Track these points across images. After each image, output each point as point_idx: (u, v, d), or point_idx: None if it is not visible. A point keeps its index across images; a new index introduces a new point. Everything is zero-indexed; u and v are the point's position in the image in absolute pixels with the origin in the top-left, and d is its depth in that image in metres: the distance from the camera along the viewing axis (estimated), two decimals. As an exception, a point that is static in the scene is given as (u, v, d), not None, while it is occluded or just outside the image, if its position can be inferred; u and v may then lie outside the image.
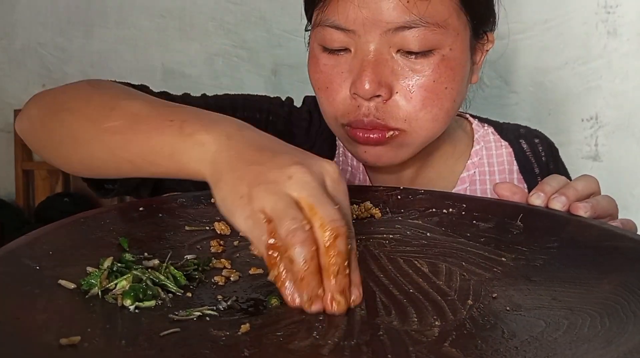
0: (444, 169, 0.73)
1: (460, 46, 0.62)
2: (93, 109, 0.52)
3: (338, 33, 0.61)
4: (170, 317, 0.37)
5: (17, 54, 1.91)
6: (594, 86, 1.34)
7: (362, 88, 0.59)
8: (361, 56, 0.61)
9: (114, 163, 0.50)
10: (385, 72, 0.60)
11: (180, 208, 0.53)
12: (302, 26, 0.70)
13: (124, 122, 0.49)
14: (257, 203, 0.38)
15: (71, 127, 0.53)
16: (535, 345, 0.35)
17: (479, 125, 0.77)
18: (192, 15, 1.80)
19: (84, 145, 0.51)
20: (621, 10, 1.31)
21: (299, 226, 0.36)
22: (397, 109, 0.61)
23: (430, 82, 0.61)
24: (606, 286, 0.41)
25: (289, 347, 0.35)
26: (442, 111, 0.62)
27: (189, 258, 0.46)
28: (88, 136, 0.51)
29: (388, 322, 0.38)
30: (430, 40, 0.59)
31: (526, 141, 0.77)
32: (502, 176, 0.74)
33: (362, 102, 0.61)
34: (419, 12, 0.58)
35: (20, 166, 1.88)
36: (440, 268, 0.46)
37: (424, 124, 0.62)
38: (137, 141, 0.47)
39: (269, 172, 0.39)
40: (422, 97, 0.61)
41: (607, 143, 1.37)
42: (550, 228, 0.50)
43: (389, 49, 0.60)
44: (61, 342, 0.32)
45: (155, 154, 0.46)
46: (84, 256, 0.43)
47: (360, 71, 0.60)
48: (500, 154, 0.75)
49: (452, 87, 0.62)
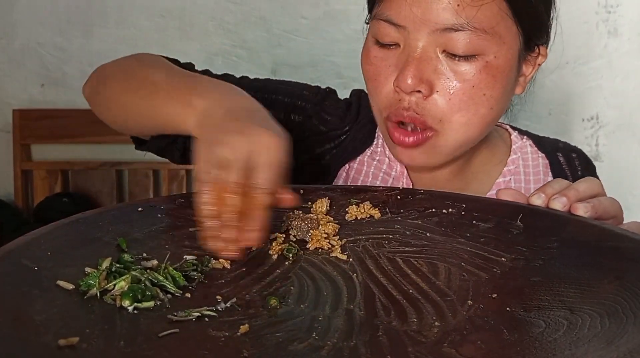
0: (481, 173, 0.75)
1: (505, 55, 0.63)
2: (130, 80, 0.65)
3: (390, 28, 0.63)
4: (169, 317, 0.37)
5: (16, 54, 1.90)
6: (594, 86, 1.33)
7: (405, 82, 0.62)
8: (408, 51, 0.63)
9: (145, 121, 0.65)
10: (428, 69, 0.62)
11: (179, 208, 0.53)
12: (302, 26, 0.70)
13: (149, 91, 0.62)
14: (210, 155, 0.48)
15: (120, 98, 0.66)
16: (535, 345, 0.35)
17: (517, 137, 0.79)
18: (192, 15, 1.79)
19: (128, 110, 0.66)
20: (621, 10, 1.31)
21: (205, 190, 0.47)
22: (435, 108, 0.63)
23: (469, 87, 0.62)
24: (606, 287, 0.41)
25: (288, 347, 0.35)
26: (477, 116, 0.63)
27: (187, 258, 0.45)
28: (130, 103, 0.65)
29: (387, 322, 0.38)
30: (475, 45, 0.61)
31: (563, 154, 0.79)
32: (537, 184, 0.75)
33: (403, 96, 0.63)
34: (467, 16, 0.60)
35: (19, 166, 1.88)
36: (440, 268, 0.46)
37: (456, 127, 0.64)
38: (157, 107, 0.61)
39: (224, 137, 0.49)
40: (459, 101, 0.62)
41: (607, 142, 1.36)
42: (550, 228, 0.50)
43: (435, 48, 0.62)
44: (60, 342, 0.32)
45: (167, 117, 0.59)
46: (82, 256, 0.43)
47: (405, 66, 0.62)
48: (537, 165, 0.77)
49: (491, 94, 0.63)
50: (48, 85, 1.91)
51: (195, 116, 0.55)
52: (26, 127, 1.87)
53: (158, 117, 0.61)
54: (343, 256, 0.48)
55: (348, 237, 0.51)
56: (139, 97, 0.63)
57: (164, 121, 0.60)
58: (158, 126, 0.63)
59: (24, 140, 1.88)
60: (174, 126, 0.59)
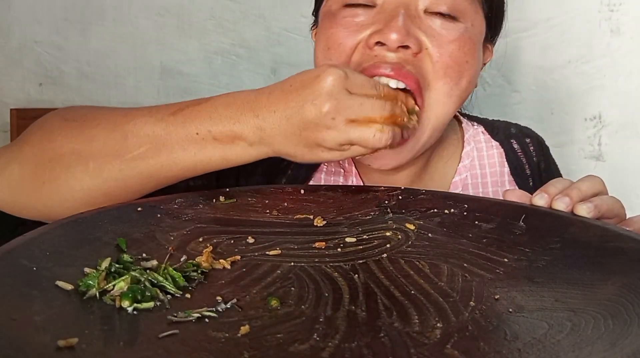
0: (435, 174, 0.71)
1: (479, 27, 0.63)
2: (104, 144, 0.52)
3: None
4: (169, 318, 0.37)
5: (13, 53, 1.89)
6: (597, 85, 1.33)
7: (389, 36, 0.56)
8: (388, 8, 0.59)
9: (156, 181, 0.54)
10: (414, 25, 0.59)
11: (179, 208, 0.53)
12: (302, 24, 0.70)
13: (149, 146, 0.51)
14: (341, 119, 0.49)
15: (87, 168, 0.52)
16: (538, 347, 0.35)
17: (468, 124, 0.75)
18: (191, 13, 1.79)
19: (115, 179, 0.52)
20: (624, 8, 1.30)
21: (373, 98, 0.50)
22: (427, 65, 0.59)
23: (455, 49, 0.59)
24: (610, 288, 0.41)
25: (289, 349, 0.34)
26: (458, 87, 0.61)
27: (187, 259, 0.45)
28: (117, 169, 0.52)
29: (389, 323, 0.37)
30: (458, 5, 0.60)
31: (517, 141, 0.76)
32: (494, 178, 0.73)
33: (384, 53, 0.58)
34: None
35: (18, 165, 1.87)
36: (442, 269, 0.45)
37: (439, 97, 0.61)
38: (179, 159, 0.52)
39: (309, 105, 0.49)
40: (446, 65, 0.59)
41: (610, 142, 1.36)
42: (553, 229, 0.50)
43: (417, 8, 0.59)
44: (59, 343, 0.32)
45: (205, 164, 0.53)
46: (81, 256, 0.43)
47: (387, 21, 0.58)
48: (492, 156, 0.74)
49: (471, 64, 0.61)
50: (45, 84, 1.90)
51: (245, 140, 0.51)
52: (24, 127, 1.85)
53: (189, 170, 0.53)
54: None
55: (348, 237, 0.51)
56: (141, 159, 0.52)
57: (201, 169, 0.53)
58: (187, 176, 0.55)
59: (21, 139, 1.87)
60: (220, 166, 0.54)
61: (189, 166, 0.53)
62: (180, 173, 0.54)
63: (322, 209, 0.56)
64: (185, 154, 0.52)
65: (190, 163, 0.52)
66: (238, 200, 0.56)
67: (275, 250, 0.48)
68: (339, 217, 0.55)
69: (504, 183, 0.74)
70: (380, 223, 0.54)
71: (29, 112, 1.89)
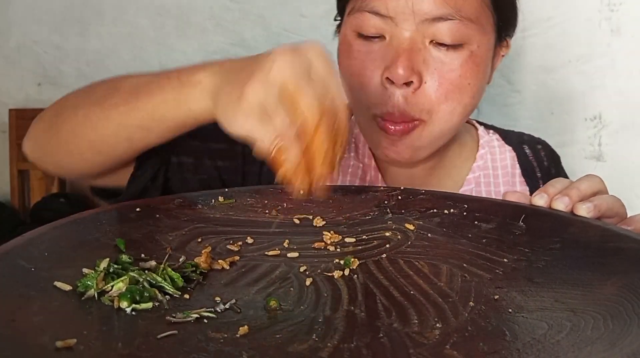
0: (452, 170, 0.76)
1: (486, 45, 0.65)
2: (95, 96, 0.56)
3: (376, 19, 0.63)
4: (167, 319, 0.37)
5: (12, 53, 1.89)
6: (597, 85, 1.33)
7: (397, 73, 0.61)
8: (396, 43, 0.63)
9: (125, 134, 0.54)
10: (417, 60, 0.63)
11: (177, 208, 0.53)
12: (301, 24, 0.70)
13: (126, 95, 0.53)
14: (247, 104, 0.42)
15: (77, 118, 0.56)
16: (537, 347, 0.35)
17: (484, 131, 0.80)
18: (190, 13, 1.79)
19: (93, 128, 0.55)
20: (625, 8, 1.30)
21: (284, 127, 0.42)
22: (423, 99, 0.63)
23: (456, 77, 0.63)
24: (610, 288, 0.41)
25: (287, 349, 0.34)
26: (461, 105, 0.65)
27: (186, 259, 0.45)
28: (95, 118, 0.55)
29: (388, 324, 0.37)
30: (462, 33, 0.62)
31: (529, 146, 0.80)
32: (505, 178, 0.76)
33: (393, 91, 0.63)
34: (454, 5, 0.61)
35: (15, 166, 1.87)
36: (442, 269, 0.45)
37: (443, 116, 0.64)
38: (142, 104, 0.52)
39: (255, 67, 0.43)
40: (446, 91, 0.63)
41: (610, 142, 1.36)
42: (552, 229, 0.50)
43: (423, 39, 0.63)
44: (57, 344, 0.32)
45: (162, 109, 0.51)
46: (80, 257, 0.43)
47: (395, 57, 0.62)
48: (504, 158, 0.78)
49: (474, 84, 0.65)
50: (44, 84, 1.90)
51: (204, 87, 0.48)
52: (22, 127, 1.86)
53: (149, 116, 0.53)
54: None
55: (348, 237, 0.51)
56: (116, 106, 0.53)
57: (159, 117, 0.52)
58: (150, 129, 0.54)
59: (20, 140, 1.86)
60: (177, 115, 0.51)
61: (148, 112, 0.52)
62: (142, 122, 0.53)
63: (321, 210, 0.56)
64: (149, 99, 0.52)
65: (149, 108, 0.52)
66: (237, 200, 0.56)
67: (274, 250, 0.48)
68: (339, 217, 0.55)
69: (514, 183, 0.77)
70: (379, 223, 0.54)
71: (27, 113, 1.89)
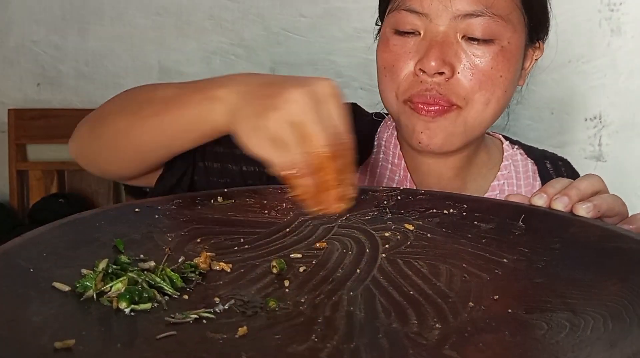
0: (477, 176, 0.79)
1: (516, 42, 0.68)
2: (133, 105, 0.61)
3: (412, 16, 0.67)
4: (166, 319, 0.37)
5: (10, 53, 1.89)
6: (597, 85, 1.33)
7: (428, 64, 0.65)
8: (430, 37, 0.67)
9: (162, 143, 0.60)
10: (449, 53, 0.66)
11: (177, 208, 0.53)
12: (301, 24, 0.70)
13: (159, 107, 0.58)
14: (265, 131, 0.46)
15: (117, 126, 0.61)
16: (537, 347, 0.35)
17: (509, 146, 0.84)
18: (189, 13, 1.79)
19: (132, 137, 0.60)
20: (625, 7, 1.30)
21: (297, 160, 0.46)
22: (457, 87, 0.67)
23: (488, 68, 0.67)
24: (609, 288, 0.41)
25: (287, 350, 0.34)
26: (494, 97, 0.68)
27: (185, 260, 0.45)
28: (133, 128, 0.60)
29: (387, 324, 0.37)
30: (492, 29, 0.66)
31: (551, 162, 0.84)
32: (527, 188, 0.80)
33: (425, 79, 0.67)
34: (486, 3, 0.65)
35: (14, 167, 1.87)
36: (441, 269, 0.45)
37: (477, 105, 0.68)
38: (172, 116, 0.56)
39: (275, 100, 0.46)
40: (479, 81, 0.67)
41: (610, 142, 1.36)
42: (552, 229, 0.50)
43: (456, 34, 0.67)
44: (56, 345, 0.32)
45: (188, 121, 0.56)
46: (79, 257, 0.42)
47: (427, 50, 0.66)
48: (527, 170, 0.82)
49: (506, 77, 0.68)
50: (43, 84, 1.90)
51: (224, 104, 0.52)
52: (21, 127, 1.86)
53: (181, 128, 0.57)
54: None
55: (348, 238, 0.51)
56: (150, 116, 0.58)
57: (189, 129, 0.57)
58: (183, 139, 0.59)
59: (19, 140, 1.87)
60: (204, 128, 0.55)
61: (180, 124, 0.57)
62: (173, 132, 0.58)
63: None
64: (177, 111, 0.56)
65: (181, 120, 0.56)
66: (236, 201, 0.56)
67: (274, 250, 0.48)
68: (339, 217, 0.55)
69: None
70: (379, 224, 0.54)
71: (26, 113, 1.89)
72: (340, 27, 1.66)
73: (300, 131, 0.46)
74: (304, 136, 0.46)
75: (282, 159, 0.47)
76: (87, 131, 0.66)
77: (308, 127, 0.46)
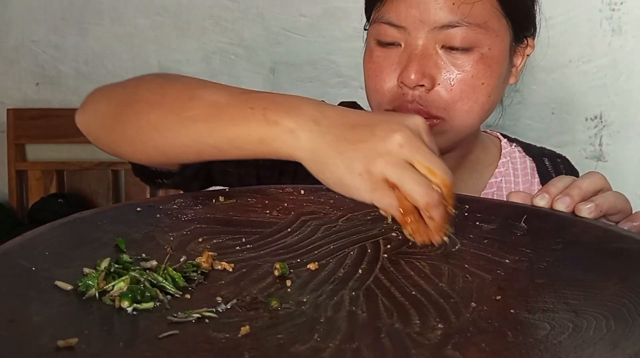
0: (474, 173, 0.79)
1: (499, 47, 0.68)
2: (171, 99, 0.57)
3: (391, 29, 0.68)
4: (168, 318, 0.37)
5: (10, 52, 1.89)
6: (598, 85, 1.33)
7: (408, 78, 0.66)
8: (409, 49, 0.67)
9: (196, 148, 0.56)
10: (429, 65, 0.67)
11: (178, 208, 0.53)
12: (301, 23, 0.70)
13: (206, 110, 0.54)
14: (379, 176, 0.46)
15: (149, 117, 0.57)
16: (539, 348, 0.35)
17: (507, 143, 0.84)
18: (189, 13, 1.78)
19: (165, 134, 0.57)
20: (626, 7, 1.30)
21: (426, 186, 0.46)
22: (438, 99, 0.67)
23: (468, 77, 0.67)
24: (611, 289, 0.41)
25: (289, 349, 0.34)
26: (477, 104, 0.68)
27: (187, 259, 0.45)
28: (169, 125, 0.56)
29: (390, 324, 0.37)
30: (471, 38, 0.66)
31: (549, 159, 0.84)
32: (525, 185, 0.80)
33: (407, 91, 0.67)
34: (462, 13, 0.65)
35: (14, 167, 1.86)
36: (443, 269, 0.45)
37: (460, 114, 0.68)
38: (223, 128, 0.53)
39: (378, 146, 0.46)
40: (460, 90, 0.67)
41: (611, 142, 1.36)
42: (554, 230, 0.50)
43: (435, 44, 0.67)
44: (58, 344, 0.32)
45: (242, 140, 0.52)
46: (80, 257, 0.42)
47: (407, 63, 0.67)
48: (525, 167, 0.82)
49: (488, 83, 0.68)
50: (43, 84, 1.89)
51: (296, 140, 0.48)
52: (20, 127, 1.86)
53: (228, 141, 0.53)
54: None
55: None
56: (194, 120, 0.54)
57: (238, 146, 0.53)
58: (225, 152, 0.54)
59: (18, 140, 1.86)
60: (256, 149, 0.52)
61: (228, 137, 0.53)
62: (217, 143, 0.54)
63: (322, 210, 0.55)
64: (231, 126, 0.53)
65: (230, 135, 0.53)
66: (238, 200, 0.56)
67: (276, 250, 0.48)
68: (340, 217, 0.55)
69: (533, 190, 0.79)
70: (380, 223, 0.54)
71: (25, 112, 1.88)
72: (340, 27, 1.67)
73: (413, 172, 0.46)
74: (428, 173, 0.46)
75: (392, 202, 0.46)
76: (108, 111, 0.63)
77: (428, 166, 0.46)
